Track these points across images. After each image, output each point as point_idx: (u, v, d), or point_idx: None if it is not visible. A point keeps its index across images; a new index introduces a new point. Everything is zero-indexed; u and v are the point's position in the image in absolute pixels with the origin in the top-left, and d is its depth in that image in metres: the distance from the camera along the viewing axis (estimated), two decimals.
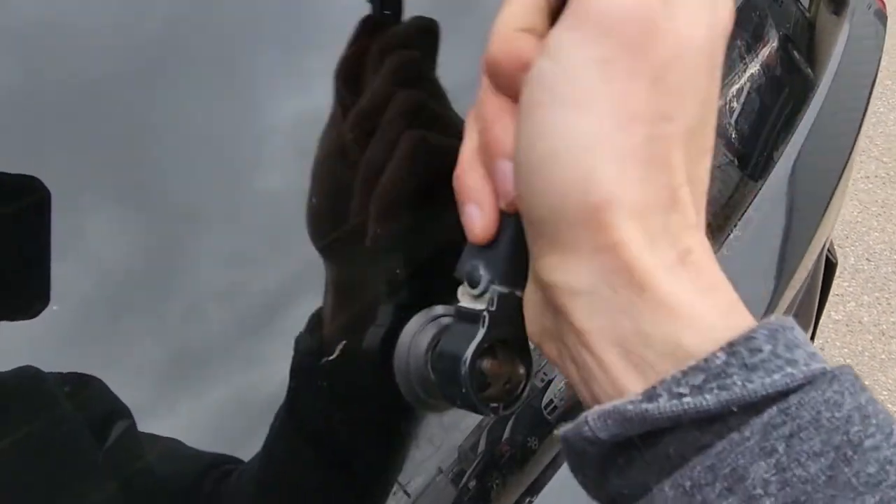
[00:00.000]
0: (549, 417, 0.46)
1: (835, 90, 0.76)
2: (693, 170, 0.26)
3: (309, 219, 0.36)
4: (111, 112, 0.33)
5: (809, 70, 0.74)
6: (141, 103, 0.34)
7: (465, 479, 0.42)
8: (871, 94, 0.85)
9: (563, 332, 0.27)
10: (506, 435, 0.44)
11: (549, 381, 0.47)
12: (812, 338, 1.10)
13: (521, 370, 0.32)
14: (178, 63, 0.36)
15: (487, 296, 0.30)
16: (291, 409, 0.35)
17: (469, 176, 0.30)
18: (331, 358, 0.36)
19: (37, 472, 0.29)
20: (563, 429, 0.26)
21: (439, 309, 0.37)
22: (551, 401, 0.47)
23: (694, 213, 0.26)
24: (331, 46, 0.40)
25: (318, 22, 0.40)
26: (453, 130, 0.34)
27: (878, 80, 0.87)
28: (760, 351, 0.23)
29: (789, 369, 0.23)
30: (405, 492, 0.39)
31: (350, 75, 0.37)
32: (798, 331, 0.24)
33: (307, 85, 0.39)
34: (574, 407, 0.47)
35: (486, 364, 0.31)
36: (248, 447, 0.34)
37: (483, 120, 0.29)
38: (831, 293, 1.09)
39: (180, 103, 0.35)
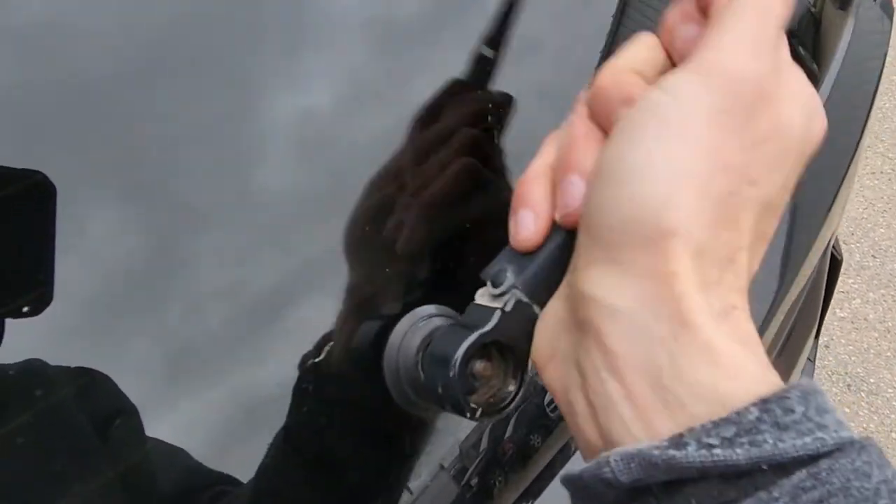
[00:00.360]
0: (552, 415, 0.46)
1: (840, 86, 0.76)
2: (754, 241, 0.28)
3: (351, 230, 0.37)
4: (111, 111, 0.33)
5: (814, 65, 0.74)
6: (141, 102, 0.34)
7: (467, 477, 0.42)
8: (877, 89, 0.84)
9: (585, 355, 0.26)
10: (508, 433, 0.44)
11: None
12: (817, 335, 1.09)
13: (511, 387, 0.32)
14: (179, 62, 0.36)
15: (506, 297, 0.31)
16: (289, 431, 0.35)
17: (533, 185, 0.31)
18: (317, 359, 0.36)
19: (39, 464, 0.30)
20: (581, 468, 0.25)
21: (430, 309, 0.36)
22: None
23: (745, 278, 0.27)
24: (331, 46, 0.40)
25: (318, 22, 0.40)
26: (500, 173, 0.41)
27: (884, 76, 0.87)
28: (793, 412, 0.23)
29: (820, 434, 0.23)
30: (407, 489, 0.39)
31: (426, 121, 0.40)
32: (827, 396, 0.24)
33: (307, 84, 0.39)
34: None
35: (478, 366, 0.31)
36: (246, 447, 0.34)
37: (568, 138, 0.30)
38: (836, 290, 1.09)
39: (180, 102, 0.35)
